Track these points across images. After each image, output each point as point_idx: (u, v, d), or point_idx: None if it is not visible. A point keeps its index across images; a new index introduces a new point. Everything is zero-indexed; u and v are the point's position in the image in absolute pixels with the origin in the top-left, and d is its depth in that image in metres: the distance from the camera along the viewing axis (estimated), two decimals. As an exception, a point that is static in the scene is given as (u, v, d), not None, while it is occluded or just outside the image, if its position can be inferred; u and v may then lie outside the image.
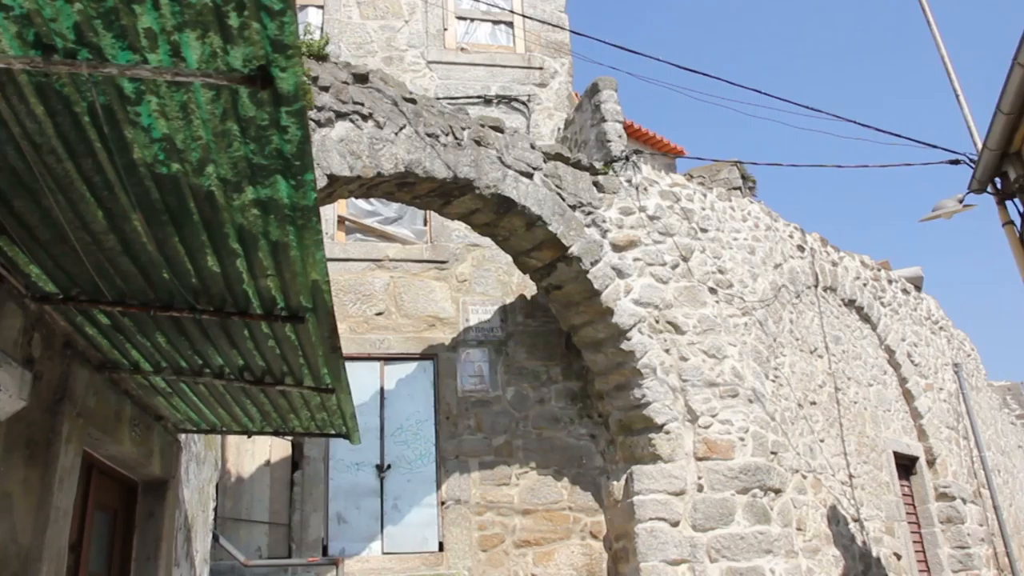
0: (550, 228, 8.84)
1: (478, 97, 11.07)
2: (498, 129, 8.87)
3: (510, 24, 11.77)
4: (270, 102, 2.40)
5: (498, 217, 8.87)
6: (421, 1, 11.38)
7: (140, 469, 4.67)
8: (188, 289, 3.43)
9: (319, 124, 7.55)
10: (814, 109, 8.66)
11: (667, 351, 9.23)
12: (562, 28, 11.35)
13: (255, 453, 9.36)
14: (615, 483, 9.36)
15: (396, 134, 8.03)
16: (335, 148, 7.58)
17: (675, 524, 8.76)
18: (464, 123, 8.59)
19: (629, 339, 9.11)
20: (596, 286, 9.06)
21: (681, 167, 14.22)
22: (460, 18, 11.72)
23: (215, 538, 7.44)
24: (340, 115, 7.71)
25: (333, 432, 5.23)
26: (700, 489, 8.87)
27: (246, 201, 2.83)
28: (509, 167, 8.73)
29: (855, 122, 8.61)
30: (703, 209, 10.02)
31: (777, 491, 9.12)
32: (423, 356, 9.91)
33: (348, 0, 11.32)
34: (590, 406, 9.94)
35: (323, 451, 9.34)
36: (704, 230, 9.90)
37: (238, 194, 2.81)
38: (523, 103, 11.23)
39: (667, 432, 9.02)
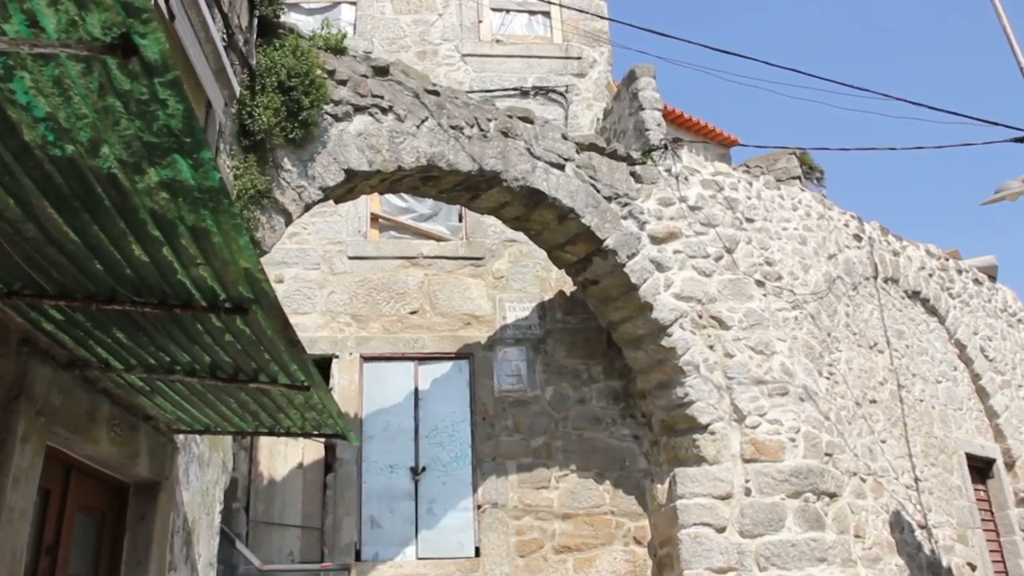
0: (583, 221, 8.50)
1: (514, 89, 10.78)
2: (527, 120, 8.57)
3: (547, 14, 11.45)
4: (143, 74, 2.21)
5: (528, 210, 8.56)
6: (455, -6, 11.17)
7: (125, 470, 4.50)
8: (125, 281, 3.26)
9: (336, 118, 7.36)
10: (863, 89, 8.11)
11: (711, 347, 8.78)
12: (600, 16, 10.97)
13: (287, 455, 9.25)
14: (659, 486, 8.96)
15: (418, 127, 7.79)
16: (353, 142, 7.38)
17: (721, 530, 8.32)
18: (490, 114, 8.32)
19: (670, 335, 8.71)
20: (634, 280, 8.68)
21: (736, 157, 13.68)
22: (495, 10, 11.45)
23: (231, 542, 7.33)
24: (359, 109, 7.52)
25: (329, 432, 5.01)
26: (748, 493, 8.40)
27: (151, 184, 2.65)
28: (539, 158, 8.42)
29: (909, 101, 8.02)
30: (749, 198, 9.53)
31: (832, 495, 8.59)
32: (459, 355, 9.66)
33: (382, -5, 11.18)
34: (633, 406, 9.55)
35: (356, 453, 9.16)
36: (750, 220, 9.41)
37: (140, 176, 2.62)
38: (561, 94, 10.90)
39: (712, 432, 8.58)
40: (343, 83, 7.47)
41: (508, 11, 11.44)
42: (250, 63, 6.55)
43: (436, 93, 8.05)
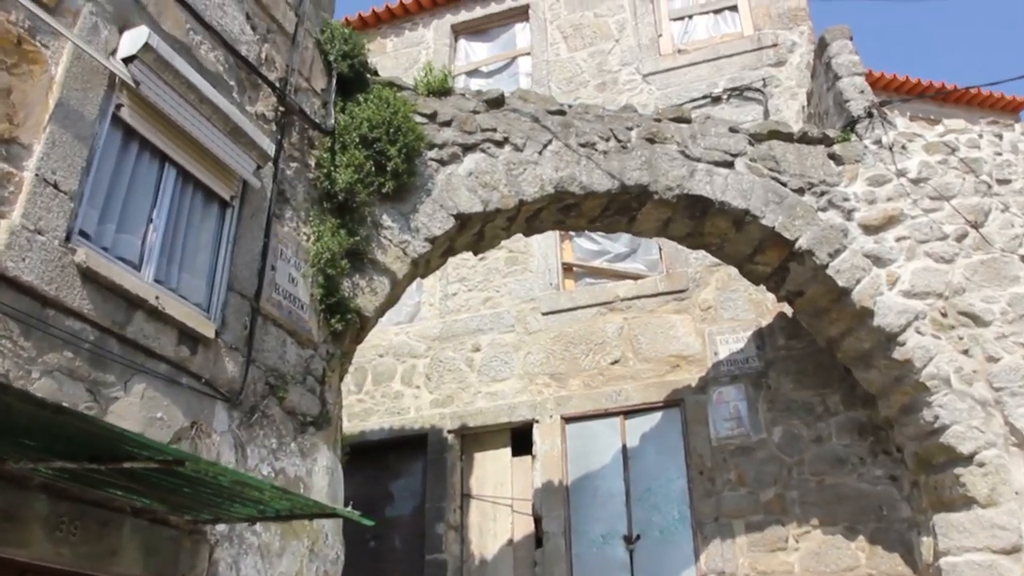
0: (763, 222, 7.10)
1: (704, 98, 9.56)
2: (681, 120, 7.47)
3: (733, 8, 10.13)
4: None
5: (697, 223, 7.36)
6: (631, 16, 10.28)
7: (104, 569, 4.17)
8: None
9: (442, 163, 6.89)
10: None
11: (965, 352, 6.75)
12: (793, -9, 9.47)
13: (497, 533, 8.62)
14: (925, 539, 6.95)
15: (539, 153, 7.07)
16: (463, 184, 6.83)
17: (1009, 595, 6.16)
18: (629, 122, 7.35)
19: (902, 344, 6.84)
20: (842, 283, 7.00)
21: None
22: (675, 19, 10.36)
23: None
24: (468, 148, 6.99)
25: (325, 512, 4.34)
26: (1043, 541, 6.18)
27: None
28: (698, 160, 7.24)
29: None
30: (998, 155, 7.38)
31: None
32: (667, 403, 8.46)
33: (555, 39, 10.64)
34: (885, 439, 7.63)
35: (563, 524, 8.26)
36: (1004, 182, 7.26)
37: None
38: (758, 90, 9.45)
39: (980, 464, 6.48)
40: (447, 124, 7.01)
41: (690, 17, 10.30)
42: (321, 125, 6.30)
43: (561, 112, 7.30)
